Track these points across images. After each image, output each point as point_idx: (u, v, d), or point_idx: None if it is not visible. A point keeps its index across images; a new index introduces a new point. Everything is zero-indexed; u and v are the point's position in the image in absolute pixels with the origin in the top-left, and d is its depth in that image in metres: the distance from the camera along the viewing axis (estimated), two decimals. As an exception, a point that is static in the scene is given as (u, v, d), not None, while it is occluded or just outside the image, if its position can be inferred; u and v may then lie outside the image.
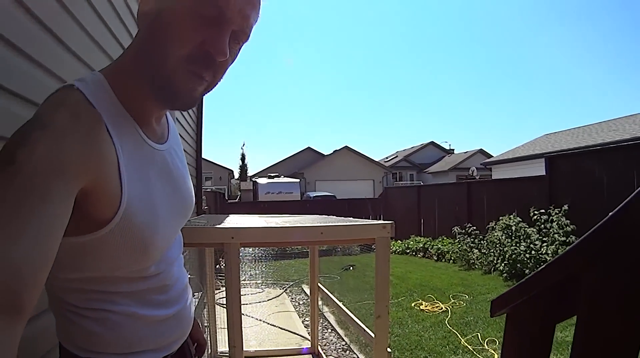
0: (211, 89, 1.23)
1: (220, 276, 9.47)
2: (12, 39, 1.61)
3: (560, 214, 11.09)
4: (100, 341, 1.21)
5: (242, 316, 2.65)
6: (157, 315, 1.30)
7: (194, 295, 5.82)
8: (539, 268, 1.58)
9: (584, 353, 1.37)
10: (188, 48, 1.09)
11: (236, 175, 63.10)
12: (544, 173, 12.99)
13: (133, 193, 1.13)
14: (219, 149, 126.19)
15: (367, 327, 3.55)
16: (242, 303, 2.60)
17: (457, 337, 6.86)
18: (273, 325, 7.60)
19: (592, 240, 1.34)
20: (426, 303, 8.91)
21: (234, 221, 3.63)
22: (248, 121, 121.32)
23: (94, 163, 1.02)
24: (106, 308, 1.20)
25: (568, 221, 10.69)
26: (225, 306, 2.66)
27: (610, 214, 1.25)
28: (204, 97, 1.20)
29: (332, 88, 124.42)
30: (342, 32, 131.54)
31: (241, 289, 2.61)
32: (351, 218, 3.70)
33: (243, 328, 2.63)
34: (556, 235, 10.68)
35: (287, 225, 3.00)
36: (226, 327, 2.64)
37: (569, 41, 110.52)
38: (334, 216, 4.28)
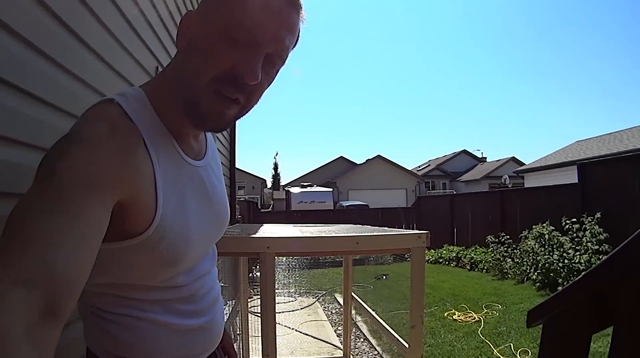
0: (246, 112, 1.23)
1: (254, 285, 9.53)
2: (30, 38, 1.66)
3: (593, 223, 10.94)
4: (126, 346, 1.23)
5: (276, 324, 2.68)
6: (184, 324, 1.32)
7: (226, 303, 5.90)
8: (576, 279, 1.61)
9: None
10: (219, 70, 1.10)
11: (269, 184, 63.29)
12: (576, 181, 12.83)
13: (167, 208, 1.15)
14: (252, 158, 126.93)
15: (400, 337, 3.56)
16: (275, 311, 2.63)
17: (490, 347, 6.83)
18: (305, 334, 7.64)
19: (628, 250, 1.36)
20: (459, 313, 8.87)
21: (269, 230, 3.63)
22: (281, 130, 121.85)
23: (130, 177, 1.05)
24: (133, 314, 1.23)
25: (601, 230, 10.55)
26: (257, 314, 2.69)
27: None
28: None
29: (365, 97, 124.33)
30: (375, 41, 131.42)
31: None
32: (386, 228, 3.71)
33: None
34: (589, 244, 10.53)
35: (322, 234, 3.00)
36: (259, 335, 2.67)
37: (600, 46, 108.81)
38: (369, 226, 4.28)
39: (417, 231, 2.89)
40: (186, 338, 1.33)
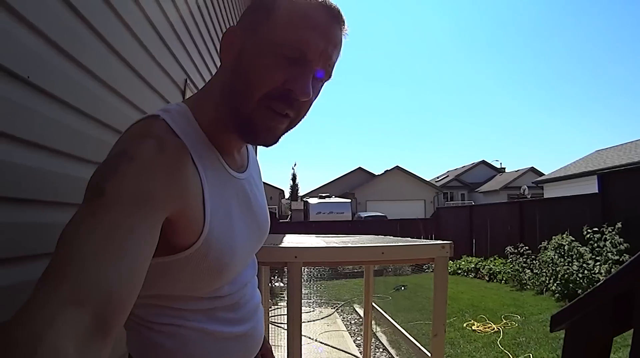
0: (295, 125, 1.26)
1: (275, 293, 9.56)
2: (72, 53, 1.78)
3: (613, 233, 10.88)
4: (170, 354, 1.25)
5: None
6: (228, 332, 1.34)
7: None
8: (597, 284, 1.66)
9: None
10: (270, 87, 1.12)
11: (287, 195, 63.06)
12: (597, 191, 12.80)
13: (215, 221, 1.17)
14: (269, 169, 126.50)
15: (422, 346, 3.59)
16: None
17: (509, 357, 6.84)
18: (325, 344, 7.66)
19: None
20: (478, 324, 8.86)
21: (294, 240, 3.65)
22: (299, 141, 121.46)
23: (179, 194, 1.06)
24: (177, 323, 1.25)
25: (622, 240, 10.51)
26: (278, 324, 2.72)
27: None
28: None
29: (384, 108, 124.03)
30: (393, 52, 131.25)
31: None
32: (408, 238, 3.75)
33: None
34: (609, 254, 10.49)
35: (348, 244, 3.01)
36: (279, 344, 2.70)
37: (620, 51, 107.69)
38: (391, 236, 4.33)
39: (441, 242, 2.92)
40: (229, 345, 1.36)
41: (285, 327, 2.67)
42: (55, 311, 0.71)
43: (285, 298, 2.69)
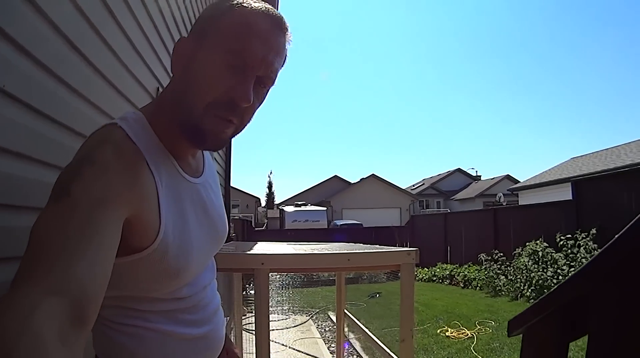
0: (240, 131, 1.31)
1: (248, 302, 9.54)
2: (46, 62, 1.75)
3: (587, 239, 11.00)
4: (130, 355, 1.28)
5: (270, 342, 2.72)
6: (188, 333, 1.36)
7: (221, 320, 5.91)
8: (552, 289, 1.64)
9: None
10: (214, 95, 1.18)
11: (263, 203, 63.14)
12: (571, 198, 12.94)
13: (169, 223, 1.21)
14: (246, 177, 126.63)
15: (393, 352, 3.60)
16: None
17: (483, 362, 6.82)
18: (299, 351, 7.64)
19: (601, 260, 1.39)
20: (452, 330, 8.87)
21: (263, 248, 3.68)
22: (275, 149, 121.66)
23: (137, 195, 1.11)
24: (138, 324, 1.27)
25: (595, 246, 10.60)
26: (251, 331, 2.71)
27: (617, 235, 1.30)
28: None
29: (359, 116, 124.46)
30: (366, 60, 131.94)
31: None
32: (377, 246, 3.77)
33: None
34: (583, 260, 10.55)
35: (315, 252, 3.06)
36: (253, 352, 2.70)
37: (596, 60, 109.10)
38: (361, 244, 4.35)
39: (407, 248, 2.96)
40: (189, 346, 1.38)
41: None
42: (37, 299, 0.76)
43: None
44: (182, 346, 1.36)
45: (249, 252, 3.02)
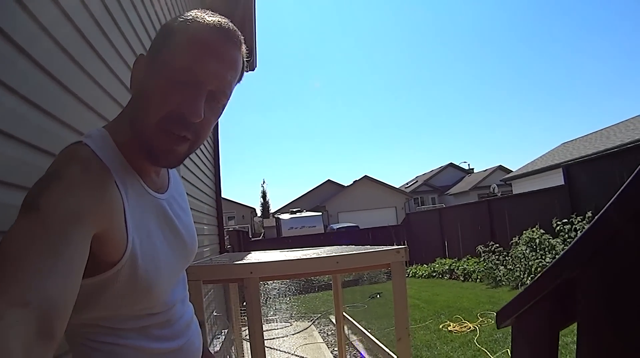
0: (197, 146, 1.32)
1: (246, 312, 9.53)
2: (17, 88, 1.72)
3: (584, 223, 11.02)
4: None
5: (272, 350, 2.72)
6: (162, 347, 1.37)
7: (221, 332, 5.89)
8: (537, 276, 1.61)
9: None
10: (164, 111, 1.18)
11: (258, 213, 63.20)
12: (564, 183, 12.98)
13: (136, 239, 1.21)
14: (239, 188, 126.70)
15: (392, 352, 3.58)
16: (270, 337, 2.67)
17: (487, 355, 6.83)
18: (303, 357, 7.63)
19: (585, 242, 1.36)
20: (454, 324, 8.88)
21: (254, 257, 3.69)
22: (266, 158, 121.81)
23: (105, 211, 1.11)
24: (114, 341, 1.27)
25: (592, 229, 10.60)
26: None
27: (599, 214, 1.28)
28: (192, 149, 1.30)
29: (347, 119, 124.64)
30: (352, 62, 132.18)
31: (269, 324, 2.68)
32: (368, 246, 3.76)
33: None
34: (581, 244, 10.57)
35: (305, 257, 3.07)
36: None
37: (582, 43, 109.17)
38: (352, 246, 4.35)
39: (396, 247, 2.99)
40: None
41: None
42: (2, 311, 0.76)
43: (265, 315, 2.69)
44: None
45: (238, 262, 3.02)
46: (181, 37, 1.20)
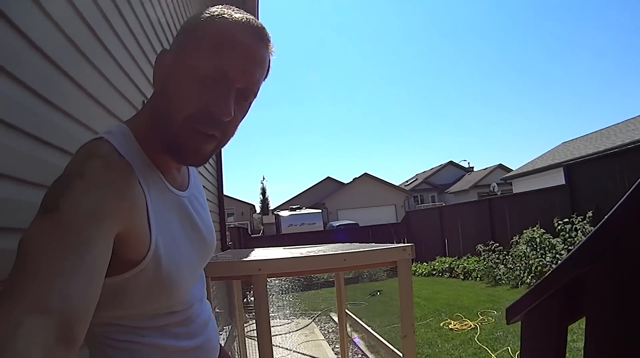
0: (223, 145, 1.31)
1: (249, 308, 9.55)
2: (32, 84, 1.73)
3: (584, 222, 11.04)
4: None
5: (273, 347, 2.73)
6: (181, 345, 1.37)
7: (223, 329, 5.90)
8: (547, 273, 1.63)
9: (595, 355, 1.39)
10: (193, 109, 1.16)
11: (258, 209, 63.15)
12: (564, 182, 12.99)
13: (159, 237, 1.21)
14: (239, 184, 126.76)
15: (396, 349, 3.60)
16: (272, 334, 2.67)
17: (488, 352, 6.84)
18: (304, 354, 7.63)
19: (594, 240, 1.38)
20: (455, 322, 8.89)
21: (260, 254, 3.71)
22: (266, 155, 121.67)
23: (127, 209, 1.09)
24: (134, 340, 1.27)
25: (592, 228, 10.59)
26: (255, 338, 2.72)
27: (608, 214, 1.29)
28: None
29: (347, 116, 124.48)
30: (352, 59, 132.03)
31: (270, 321, 2.68)
32: (373, 244, 3.77)
33: (274, 359, 2.66)
34: (581, 243, 10.58)
35: (311, 254, 3.08)
36: None
37: (578, 41, 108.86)
38: (357, 243, 4.36)
39: (402, 245, 2.99)
40: None
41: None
42: (22, 317, 0.73)
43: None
44: None
45: (245, 259, 3.02)
46: (210, 34, 1.18)
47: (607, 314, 1.34)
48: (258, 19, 1.23)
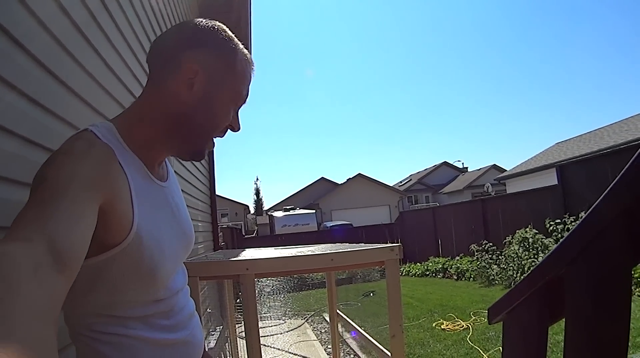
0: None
1: (241, 308, 9.55)
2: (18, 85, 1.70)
3: (576, 223, 11.03)
4: None
5: (265, 347, 2.73)
6: (165, 338, 1.38)
7: (215, 329, 5.89)
8: (526, 274, 1.63)
9: (574, 354, 1.40)
10: (223, 126, 1.43)
11: (252, 210, 63.13)
12: (557, 183, 13.00)
13: (142, 218, 1.25)
14: (233, 185, 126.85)
15: (386, 348, 3.60)
16: (264, 335, 2.68)
17: (480, 352, 6.85)
18: (295, 355, 7.63)
19: (573, 238, 1.39)
20: (447, 322, 8.90)
21: (249, 254, 3.74)
22: (260, 155, 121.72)
23: (110, 183, 1.15)
24: (120, 332, 1.29)
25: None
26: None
27: (587, 212, 1.30)
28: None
29: (342, 117, 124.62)
30: (347, 59, 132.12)
31: (262, 321, 2.69)
32: (362, 244, 3.78)
33: (266, 359, 2.68)
34: (574, 244, 10.61)
35: (300, 254, 3.09)
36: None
37: (572, 42, 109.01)
38: (347, 243, 4.36)
39: (390, 245, 3.02)
40: (168, 352, 1.40)
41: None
42: (14, 238, 0.81)
43: (258, 313, 2.70)
44: (160, 352, 1.38)
45: (234, 259, 3.05)
46: (239, 69, 1.41)
47: (586, 312, 1.36)
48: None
